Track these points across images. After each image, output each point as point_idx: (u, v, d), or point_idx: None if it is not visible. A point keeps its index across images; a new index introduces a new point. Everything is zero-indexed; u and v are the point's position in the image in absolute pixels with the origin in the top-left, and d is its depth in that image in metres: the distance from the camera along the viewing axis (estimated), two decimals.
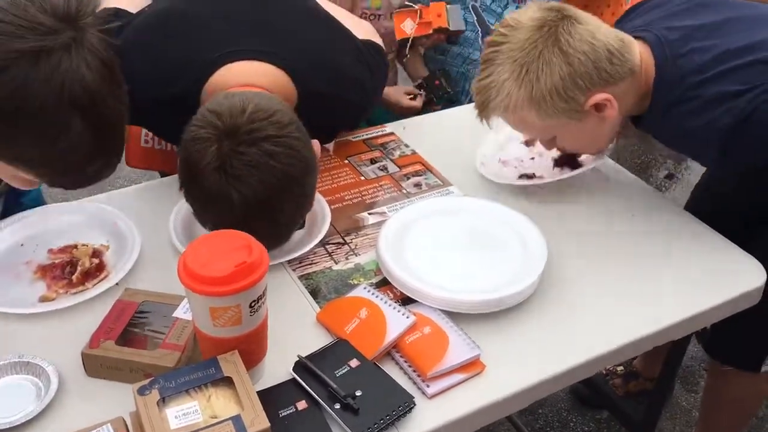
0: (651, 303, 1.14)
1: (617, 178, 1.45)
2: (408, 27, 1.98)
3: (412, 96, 2.07)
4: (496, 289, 1.08)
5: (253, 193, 1.00)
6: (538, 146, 1.36)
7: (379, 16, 2.03)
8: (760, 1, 1.30)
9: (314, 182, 1.11)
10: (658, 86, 1.19)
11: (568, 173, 1.37)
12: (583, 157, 1.40)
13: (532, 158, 1.45)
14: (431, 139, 1.52)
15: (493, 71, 1.17)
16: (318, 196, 1.27)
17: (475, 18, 2.04)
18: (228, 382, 0.87)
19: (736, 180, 1.44)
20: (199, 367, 0.87)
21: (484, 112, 1.21)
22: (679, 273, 1.20)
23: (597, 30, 1.16)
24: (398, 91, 2.07)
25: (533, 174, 1.40)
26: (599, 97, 1.16)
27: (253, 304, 0.87)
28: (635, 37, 1.21)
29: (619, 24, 1.37)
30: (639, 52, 1.19)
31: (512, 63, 1.15)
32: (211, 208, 1.05)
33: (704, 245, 1.26)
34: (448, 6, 1.97)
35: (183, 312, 0.99)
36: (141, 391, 0.84)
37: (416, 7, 1.97)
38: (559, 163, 1.40)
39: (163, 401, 0.84)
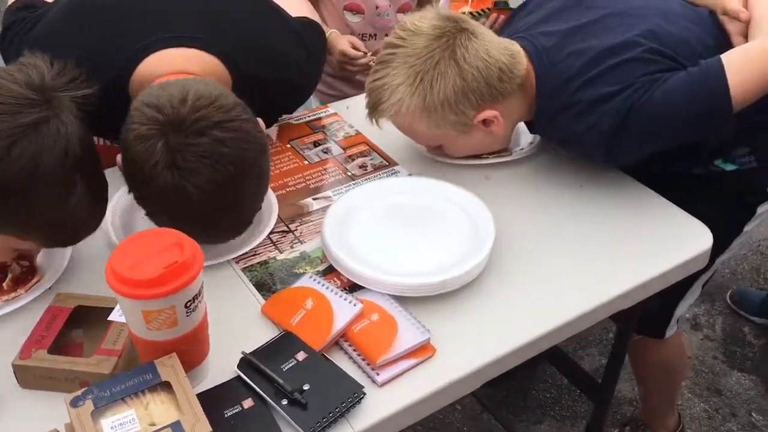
0: (602, 273, 1.13)
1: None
2: (466, 9, 1.90)
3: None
4: (445, 271, 1.06)
5: (210, 184, 0.95)
6: None
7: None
8: None
9: (269, 162, 1.07)
10: (540, 95, 1.22)
11: (507, 157, 1.35)
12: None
13: None
14: None
15: (388, 74, 1.18)
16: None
17: None
18: (167, 386, 0.83)
19: None
20: (134, 374, 0.84)
21: (374, 113, 1.22)
22: (628, 241, 1.19)
23: (491, 46, 1.18)
24: (341, 39, 1.84)
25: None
26: (487, 113, 1.19)
27: (188, 305, 0.84)
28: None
29: (508, 25, 1.41)
30: (524, 62, 1.21)
31: (408, 68, 1.17)
32: (167, 207, 0.99)
33: (652, 212, 1.26)
34: None
35: (118, 315, 0.95)
36: (74, 403, 0.80)
37: None
38: None
39: (98, 411, 0.80)
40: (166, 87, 1.00)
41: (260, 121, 1.07)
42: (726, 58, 1.14)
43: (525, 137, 1.42)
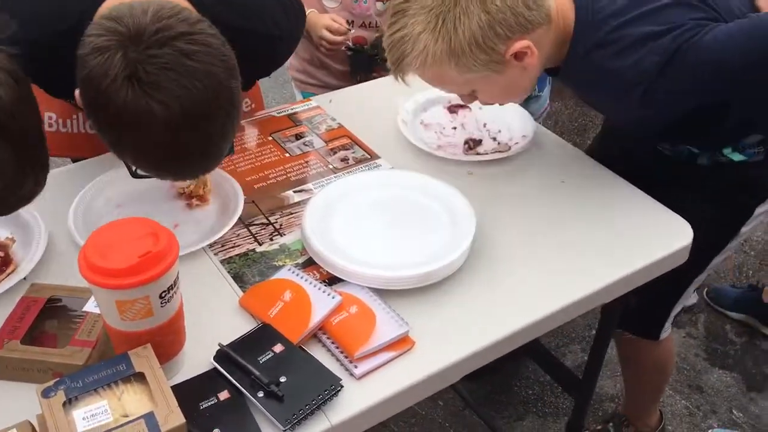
0: (582, 268, 1.13)
1: (547, 144, 1.43)
2: None
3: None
4: (424, 263, 1.05)
5: (175, 99, 0.86)
6: (459, 117, 1.33)
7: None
8: None
9: (239, 89, 0.96)
10: (579, 30, 1.15)
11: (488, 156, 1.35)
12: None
13: (454, 128, 1.43)
14: (358, 111, 1.48)
15: (407, 23, 1.09)
16: (224, 174, 1.21)
17: None
18: (141, 378, 0.82)
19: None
20: (108, 364, 0.82)
21: (398, 68, 1.13)
22: (609, 236, 1.19)
23: None
24: (322, 16, 1.85)
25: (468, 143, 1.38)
26: (519, 44, 1.10)
27: (163, 295, 0.83)
28: None
29: None
30: None
31: (427, 13, 1.07)
32: (129, 130, 0.89)
33: (633, 207, 1.26)
34: None
35: (93, 306, 0.94)
36: (45, 394, 0.79)
37: None
38: (469, 147, 1.39)
39: (70, 402, 0.79)
40: (127, 3, 0.92)
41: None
42: None
43: (517, 130, 1.42)
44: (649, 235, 1.20)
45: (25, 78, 0.87)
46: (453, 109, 1.47)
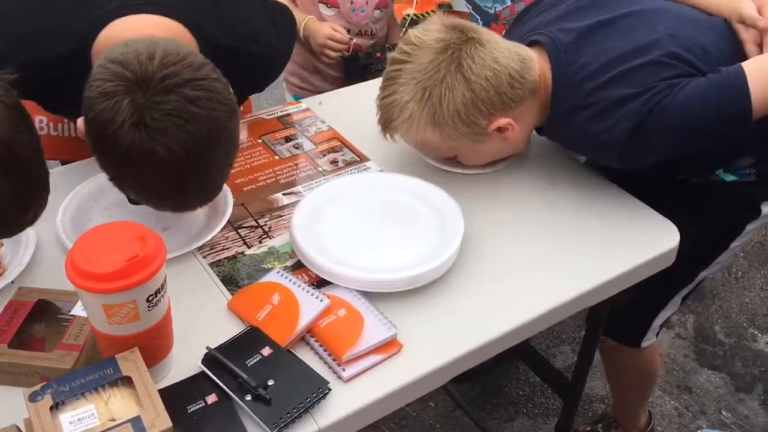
0: (569, 270, 1.14)
1: (536, 146, 1.43)
2: (409, 12, 1.89)
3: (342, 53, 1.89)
4: (413, 266, 1.06)
5: (180, 144, 0.90)
6: None
7: None
8: None
9: (238, 126, 1.01)
10: (556, 94, 1.20)
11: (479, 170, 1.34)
12: None
13: None
14: (348, 113, 1.48)
15: (396, 90, 1.17)
16: None
17: (471, 7, 1.98)
18: (129, 381, 0.82)
19: None
20: (95, 368, 0.83)
21: (387, 129, 1.21)
22: (596, 238, 1.20)
23: (499, 53, 1.16)
24: (323, 24, 1.87)
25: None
26: (501, 122, 1.17)
27: (150, 299, 0.83)
28: (531, 42, 1.22)
29: (515, 26, 1.38)
30: (538, 59, 1.19)
31: (415, 84, 1.15)
32: (133, 170, 0.93)
33: (620, 209, 1.27)
34: None
35: (81, 309, 0.94)
36: (32, 398, 0.79)
37: None
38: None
39: (57, 406, 0.79)
40: (131, 44, 0.94)
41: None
42: (747, 66, 1.13)
43: None
44: (637, 237, 1.21)
45: (15, 103, 0.87)
46: None
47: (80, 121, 0.96)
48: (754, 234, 2.62)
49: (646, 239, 1.21)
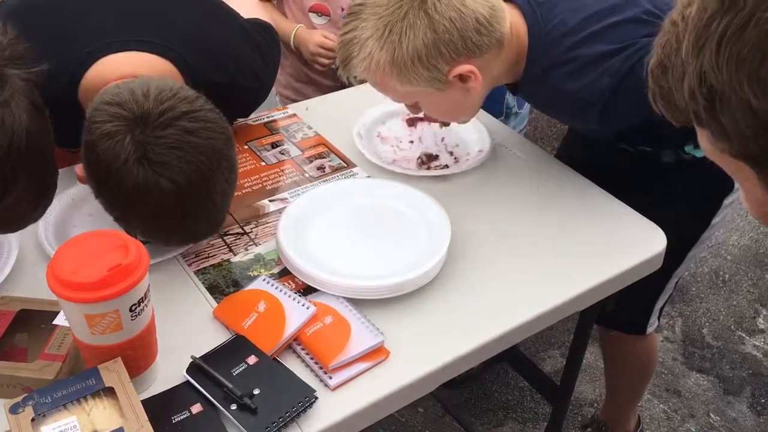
0: (557, 275, 1.13)
1: (522, 151, 1.44)
2: None
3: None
4: (400, 273, 1.05)
5: (184, 175, 0.93)
6: (417, 130, 1.33)
7: None
8: None
9: (236, 154, 1.04)
10: (532, 51, 1.16)
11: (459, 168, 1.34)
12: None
13: (411, 141, 1.42)
14: (335, 119, 1.48)
15: (357, 26, 1.11)
16: None
17: None
18: (111, 392, 0.81)
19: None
20: (77, 379, 0.82)
21: (345, 68, 1.15)
22: (583, 244, 1.20)
23: None
24: (314, 32, 1.85)
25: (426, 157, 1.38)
26: (463, 68, 1.11)
27: (133, 308, 0.82)
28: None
29: None
30: (509, 16, 1.15)
31: (376, 20, 1.09)
32: (139, 205, 0.96)
33: (607, 214, 1.27)
34: None
35: (63, 319, 0.93)
36: (13, 410, 0.78)
37: None
38: (422, 162, 1.38)
39: (38, 418, 0.78)
40: (123, 86, 0.98)
41: None
42: None
43: (474, 144, 1.41)
44: (623, 242, 1.21)
45: (40, 104, 0.90)
46: (411, 122, 1.46)
47: (78, 167, 0.99)
48: (741, 234, 2.64)
49: (633, 244, 1.21)
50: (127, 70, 1.09)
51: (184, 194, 0.94)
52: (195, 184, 0.95)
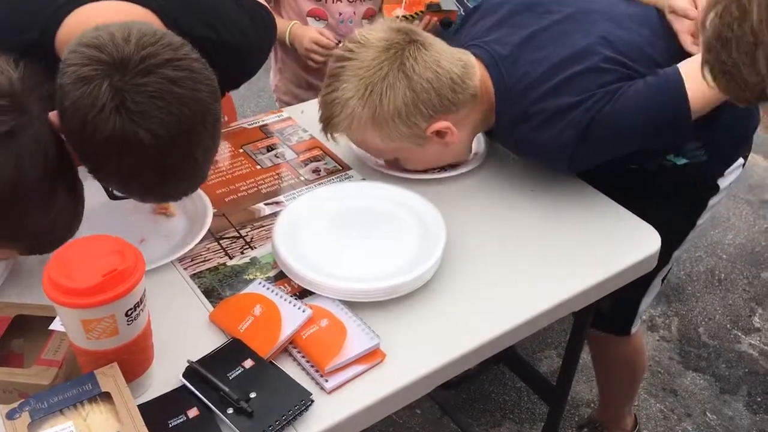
0: (552, 276, 1.14)
1: (526, 159, 1.44)
2: (399, 12, 1.88)
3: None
4: (395, 275, 1.06)
5: (165, 128, 0.87)
6: None
7: None
8: None
9: (221, 109, 0.97)
10: (499, 104, 1.22)
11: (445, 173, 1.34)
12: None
13: None
14: None
15: (339, 87, 1.17)
16: None
17: (461, 8, 1.96)
18: (108, 397, 0.81)
19: None
20: (74, 384, 0.82)
21: (328, 127, 1.22)
22: (578, 245, 1.20)
23: (442, 57, 1.18)
24: (309, 28, 1.84)
25: None
26: (440, 125, 1.19)
27: (129, 313, 0.82)
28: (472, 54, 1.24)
29: (459, 32, 1.40)
30: (478, 71, 1.21)
31: (358, 81, 1.16)
32: (116, 158, 0.89)
33: (602, 215, 1.27)
34: None
35: (60, 324, 0.93)
36: (10, 415, 0.78)
37: None
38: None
39: (35, 423, 0.78)
40: (102, 28, 0.90)
41: None
42: (683, 68, 1.15)
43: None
44: (619, 243, 1.22)
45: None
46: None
47: (53, 114, 0.92)
48: (737, 233, 2.65)
49: (628, 244, 1.21)
50: (107, 19, 0.99)
51: (164, 148, 0.88)
52: (176, 138, 0.89)
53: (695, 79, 1.12)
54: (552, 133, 1.17)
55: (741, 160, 1.42)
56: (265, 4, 1.34)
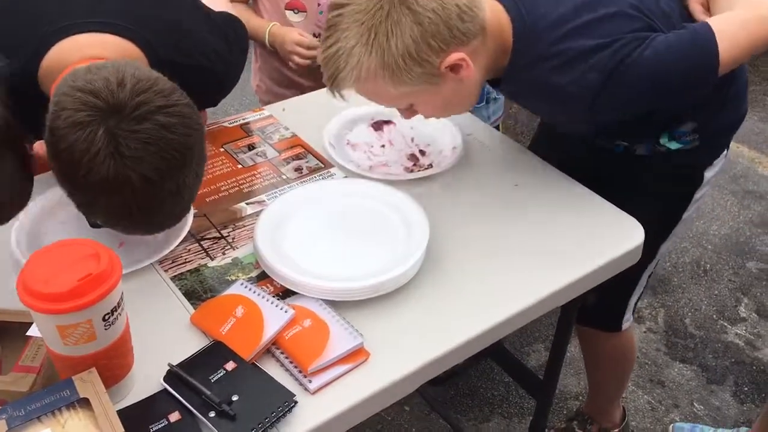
0: (536, 272, 1.13)
1: (501, 147, 1.44)
2: None
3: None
4: (377, 274, 1.05)
5: (156, 172, 0.91)
6: (386, 134, 1.32)
7: None
8: None
9: (205, 146, 1.02)
10: (518, 41, 1.14)
11: (423, 172, 1.33)
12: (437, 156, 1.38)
13: (383, 146, 1.41)
14: (312, 119, 1.47)
15: (340, 37, 1.07)
16: None
17: None
18: (86, 403, 0.80)
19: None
20: (52, 391, 0.80)
21: (334, 84, 1.11)
22: (562, 239, 1.20)
23: None
24: (290, 30, 1.82)
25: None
26: (454, 57, 1.08)
27: (107, 317, 0.81)
28: None
29: None
30: (489, 6, 1.14)
31: (359, 26, 1.05)
32: (107, 197, 0.93)
33: (586, 209, 1.27)
34: None
35: (37, 330, 0.91)
36: None
37: None
38: (414, 164, 1.37)
39: (12, 431, 0.76)
40: (96, 70, 0.93)
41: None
42: (712, 22, 1.13)
43: (446, 141, 1.41)
44: (602, 236, 1.21)
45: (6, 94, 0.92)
46: (377, 126, 1.44)
47: (39, 145, 0.95)
48: (722, 224, 2.66)
49: (611, 237, 1.21)
50: (90, 52, 1.05)
51: (153, 189, 0.92)
52: (165, 181, 0.93)
53: (724, 34, 1.11)
54: (573, 75, 1.11)
55: (725, 150, 1.42)
56: (235, 15, 1.33)
